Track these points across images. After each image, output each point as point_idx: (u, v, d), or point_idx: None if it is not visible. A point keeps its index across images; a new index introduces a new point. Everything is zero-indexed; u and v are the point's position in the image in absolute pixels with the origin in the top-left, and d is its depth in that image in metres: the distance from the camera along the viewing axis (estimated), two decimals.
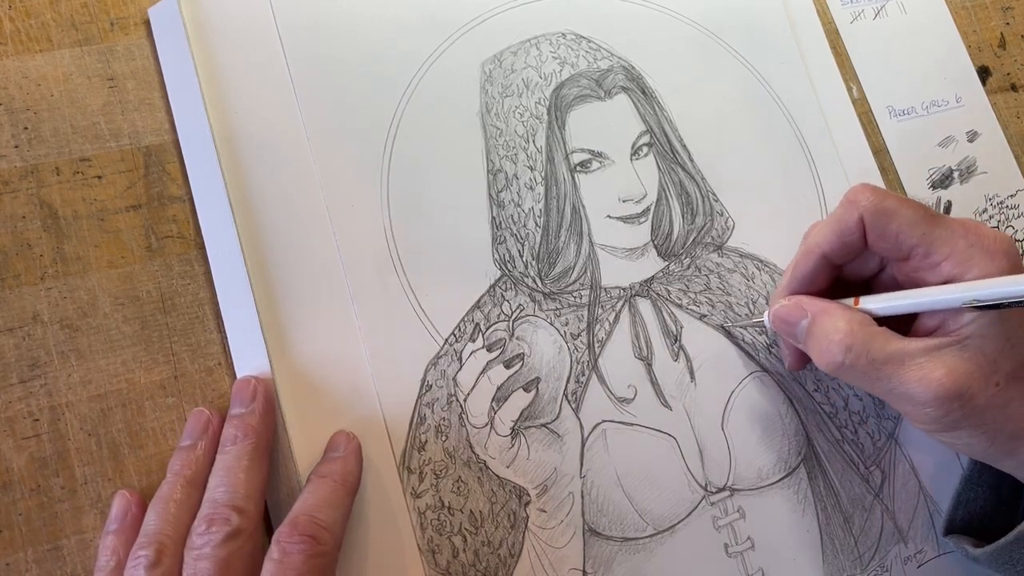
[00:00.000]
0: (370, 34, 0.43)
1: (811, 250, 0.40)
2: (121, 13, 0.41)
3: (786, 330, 0.40)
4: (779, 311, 0.40)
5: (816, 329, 0.38)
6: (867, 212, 0.37)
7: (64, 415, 0.36)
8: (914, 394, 0.35)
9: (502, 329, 0.40)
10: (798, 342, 0.39)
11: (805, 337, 0.39)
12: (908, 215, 0.37)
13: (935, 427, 0.36)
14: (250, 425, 0.35)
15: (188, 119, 0.40)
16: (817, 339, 0.38)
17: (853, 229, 0.38)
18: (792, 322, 0.39)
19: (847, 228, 0.38)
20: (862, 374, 0.36)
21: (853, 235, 0.38)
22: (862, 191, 0.38)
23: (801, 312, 0.39)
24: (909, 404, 0.36)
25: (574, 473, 0.40)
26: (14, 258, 0.37)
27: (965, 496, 0.42)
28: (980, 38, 0.55)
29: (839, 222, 0.38)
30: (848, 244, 0.38)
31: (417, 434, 0.38)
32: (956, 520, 0.42)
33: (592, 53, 0.46)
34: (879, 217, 0.37)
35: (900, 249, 0.37)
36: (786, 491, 0.42)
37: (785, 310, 0.39)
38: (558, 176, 0.43)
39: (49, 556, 0.35)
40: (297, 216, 0.39)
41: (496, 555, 0.38)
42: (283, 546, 0.32)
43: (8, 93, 0.39)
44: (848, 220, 0.38)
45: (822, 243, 0.39)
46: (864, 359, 0.36)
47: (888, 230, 0.37)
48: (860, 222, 0.38)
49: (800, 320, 0.39)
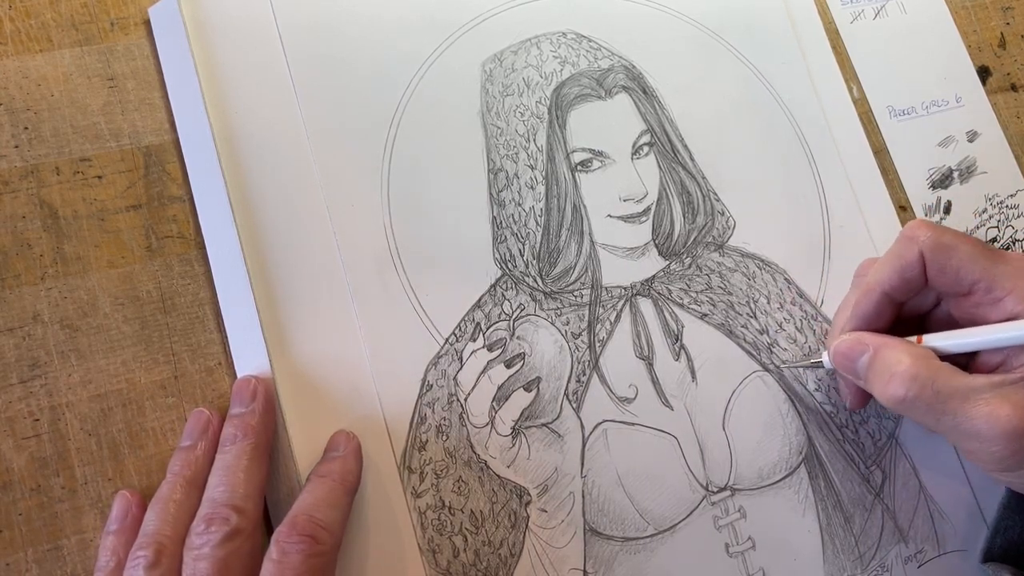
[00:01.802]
0: (370, 34, 0.43)
1: (872, 288, 0.39)
2: (121, 13, 0.41)
3: (846, 366, 0.39)
4: (839, 346, 0.39)
5: (878, 363, 0.37)
6: (926, 248, 0.37)
7: (64, 415, 0.36)
8: (980, 431, 0.34)
9: (503, 328, 0.40)
10: (858, 378, 0.39)
11: (866, 372, 0.38)
12: (968, 251, 0.37)
13: (999, 466, 0.35)
14: (250, 425, 0.35)
15: (188, 119, 0.40)
16: (879, 373, 0.37)
17: (914, 265, 0.38)
18: (853, 357, 0.38)
19: (908, 264, 0.38)
20: (926, 408, 0.36)
21: (914, 271, 0.38)
22: (919, 227, 0.38)
23: (862, 346, 0.38)
24: (975, 441, 0.35)
25: (575, 473, 0.39)
26: (14, 258, 0.37)
27: (1003, 524, 0.42)
28: (980, 38, 0.55)
29: (899, 259, 0.38)
30: (909, 281, 0.38)
31: (417, 434, 0.38)
32: (995, 548, 0.42)
33: (593, 52, 0.46)
34: (939, 253, 0.37)
35: (961, 285, 0.37)
36: (787, 491, 0.42)
37: (846, 345, 0.39)
38: (559, 175, 0.43)
39: (49, 556, 0.35)
40: (297, 216, 0.39)
41: (497, 555, 0.38)
42: (282, 546, 0.32)
43: (8, 93, 0.39)
44: (908, 256, 0.38)
45: (883, 280, 0.39)
46: (929, 392, 0.35)
47: (948, 266, 0.37)
48: (920, 258, 0.38)
49: (861, 355, 0.38)
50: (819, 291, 0.46)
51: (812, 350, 0.45)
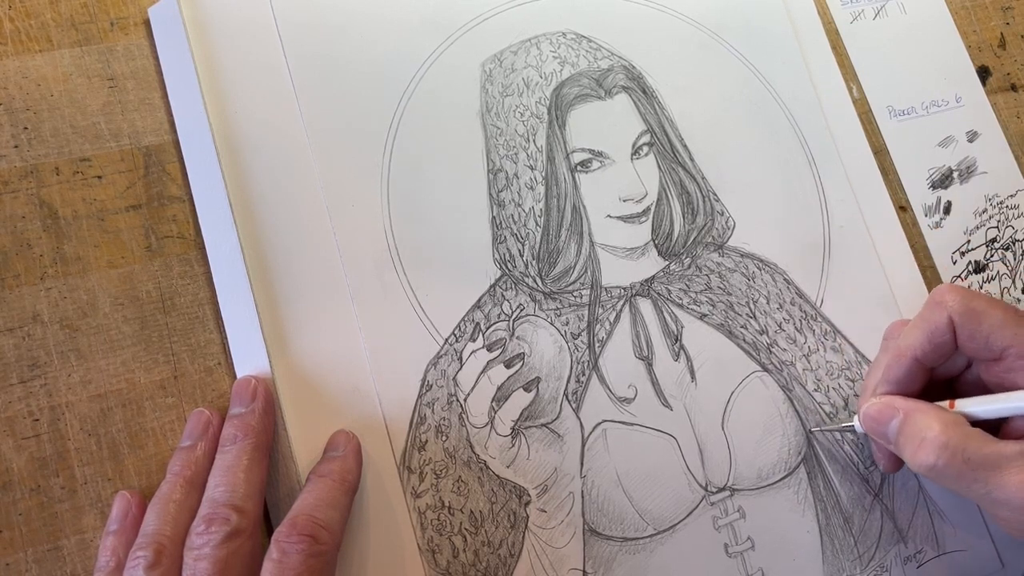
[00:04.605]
0: (370, 34, 0.43)
1: (903, 353, 0.39)
2: (121, 13, 0.41)
3: (876, 430, 0.39)
4: (869, 410, 0.39)
5: (908, 428, 0.37)
6: (956, 313, 0.37)
7: (64, 415, 0.36)
8: (1012, 499, 0.34)
9: (502, 329, 0.40)
10: (889, 443, 0.39)
11: (896, 436, 0.38)
12: (998, 316, 0.37)
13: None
14: (250, 425, 0.35)
15: (188, 119, 0.40)
16: (909, 439, 0.37)
17: (944, 330, 0.38)
18: (883, 421, 0.38)
19: (938, 330, 0.38)
20: (957, 476, 0.35)
21: (944, 336, 0.38)
22: (948, 292, 0.38)
23: (892, 411, 0.38)
24: (1006, 510, 0.35)
25: (574, 473, 0.39)
26: (14, 258, 0.37)
27: None
28: (980, 38, 0.55)
29: (928, 323, 0.38)
30: (939, 346, 0.38)
31: (417, 434, 0.38)
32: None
33: (592, 52, 0.46)
34: (968, 318, 0.37)
35: (991, 350, 0.37)
36: (786, 491, 0.42)
37: (875, 409, 0.39)
38: (558, 175, 0.43)
39: (49, 556, 0.35)
40: (297, 216, 0.39)
41: (496, 555, 0.38)
42: (282, 546, 0.32)
43: (8, 93, 0.39)
44: (938, 321, 0.38)
45: (914, 346, 0.39)
46: (959, 459, 0.35)
47: (979, 331, 0.37)
48: (950, 323, 0.37)
49: (891, 419, 0.38)
50: (819, 291, 0.46)
51: (812, 350, 0.45)
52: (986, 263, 0.51)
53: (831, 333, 0.46)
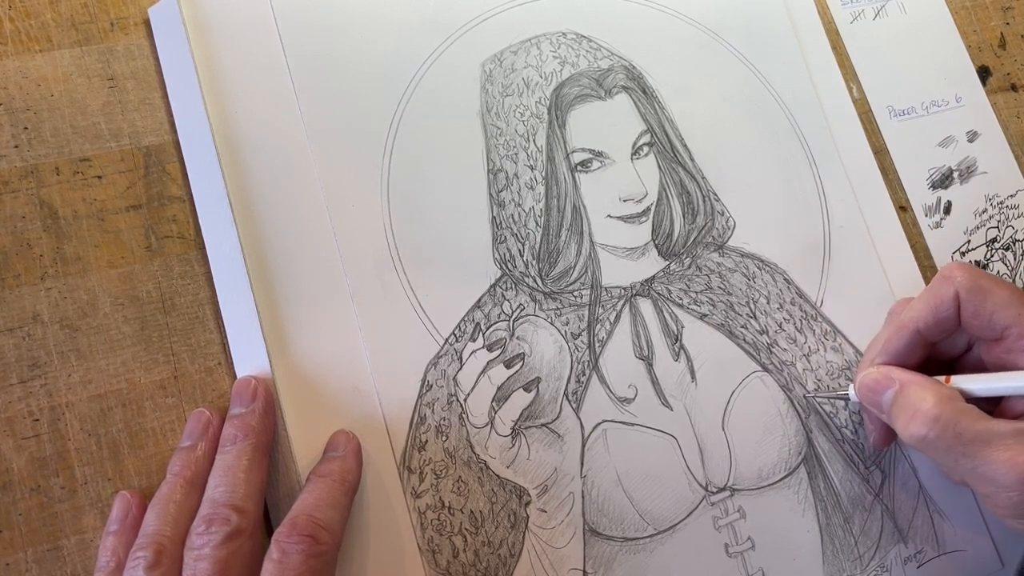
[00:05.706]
0: (370, 34, 0.43)
1: (905, 324, 0.39)
2: (121, 13, 0.41)
3: (872, 399, 0.39)
4: (865, 379, 0.39)
5: (902, 399, 0.37)
6: (962, 288, 0.38)
7: (64, 415, 0.36)
8: (998, 476, 0.34)
9: (502, 329, 0.40)
10: (882, 412, 0.39)
11: (890, 407, 0.38)
12: (1004, 296, 0.37)
13: (1014, 512, 0.35)
14: (250, 425, 0.35)
15: (188, 119, 0.40)
16: (903, 409, 0.37)
17: (949, 305, 0.38)
18: (879, 391, 0.39)
19: (943, 304, 0.38)
20: (946, 449, 0.35)
21: (948, 311, 0.38)
22: (957, 268, 0.38)
23: (889, 381, 0.38)
24: (992, 486, 0.35)
25: (574, 473, 0.39)
26: (14, 258, 0.37)
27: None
28: (980, 38, 0.55)
29: (935, 296, 0.38)
30: (943, 320, 0.38)
31: (417, 434, 0.38)
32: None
33: (593, 52, 0.46)
34: (974, 294, 0.37)
35: (993, 329, 0.37)
36: (786, 491, 0.42)
37: (872, 378, 0.39)
38: (558, 175, 0.43)
39: (49, 556, 0.35)
40: (297, 216, 0.39)
41: (496, 555, 0.38)
42: (282, 546, 0.32)
43: (8, 93, 0.39)
44: (944, 295, 0.38)
45: (917, 318, 0.39)
46: (950, 433, 0.35)
47: (983, 308, 0.37)
48: (955, 298, 0.38)
49: (887, 389, 0.38)
50: (819, 291, 0.46)
51: (812, 350, 0.45)
52: (986, 263, 0.51)
53: (831, 333, 0.46)
